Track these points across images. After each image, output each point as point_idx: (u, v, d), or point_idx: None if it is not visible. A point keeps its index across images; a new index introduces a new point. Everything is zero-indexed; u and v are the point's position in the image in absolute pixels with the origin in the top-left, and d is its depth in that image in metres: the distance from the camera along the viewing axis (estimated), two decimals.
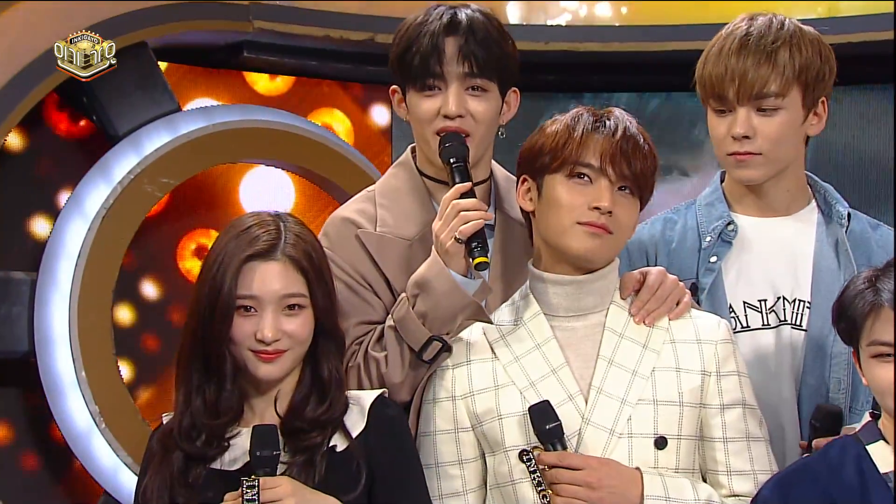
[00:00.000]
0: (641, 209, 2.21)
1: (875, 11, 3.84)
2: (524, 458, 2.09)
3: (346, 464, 2.10)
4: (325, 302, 2.14)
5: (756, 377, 2.24)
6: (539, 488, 2.07)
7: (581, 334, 2.19)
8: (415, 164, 2.52)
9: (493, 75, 2.43)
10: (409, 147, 2.53)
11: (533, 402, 2.12)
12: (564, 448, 2.09)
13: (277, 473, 2.04)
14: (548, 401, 2.11)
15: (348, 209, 2.53)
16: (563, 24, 3.99)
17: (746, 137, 2.37)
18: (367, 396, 2.17)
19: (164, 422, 2.17)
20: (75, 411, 3.43)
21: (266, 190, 3.90)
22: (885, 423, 2.03)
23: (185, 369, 2.14)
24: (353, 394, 2.18)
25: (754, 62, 2.36)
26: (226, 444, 2.14)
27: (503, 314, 2.26)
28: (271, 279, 2.11)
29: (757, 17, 2.42)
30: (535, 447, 2.10)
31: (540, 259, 2.21)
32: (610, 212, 2.12)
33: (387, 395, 2.21)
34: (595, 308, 2.20)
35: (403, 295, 2.32)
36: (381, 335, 2.39)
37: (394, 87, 2.47)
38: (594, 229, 2.13)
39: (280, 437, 2.05)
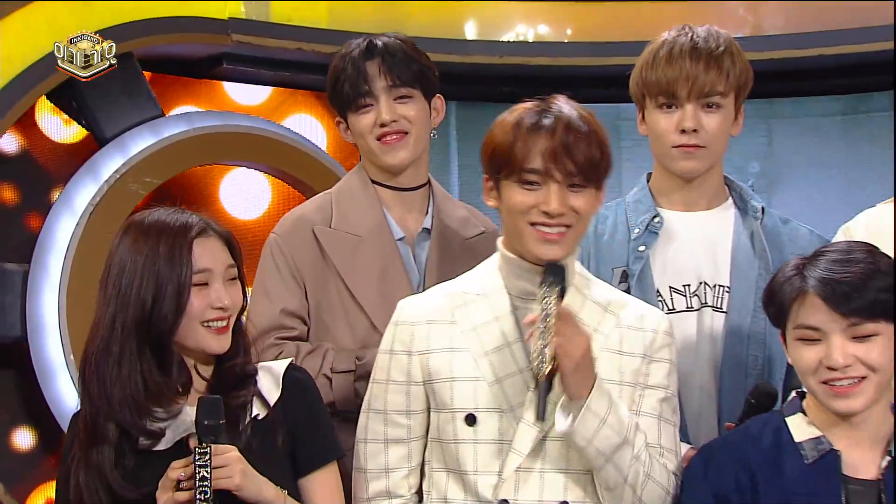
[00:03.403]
0: (601, 188, 2.18)
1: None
2: (545, 291, 2.05)
3: (268, 430, 2.12)
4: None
5: (681, 355, 2.30)
6: (545, 317, 2.04)
7: None
8: (366, 173, 2.66)
9: (416, 84, 2.59)
10: (360, 162, 2.68)
11: (495, 357, 2.13)
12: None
13: (224, 417, 2.03)
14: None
15: (306, 209, 2.67)
16: (516, 39, 4.03)
17: (695, 131, 2.44)
18: (279, 366, 2.19)
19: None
20: (65, 392, 3.45)
21: (244, 190, 3.94)
22: (809, 402, 2.10)
23: (112, 366, 2.08)
24: (264, 364, 2.21)
25: (705, 65, 2.44)
26: (165, 424, 2.10)
27: (470, 281, 2.25)
28: (217, 252, 2.13)
29: (695, 28, 2.50)
30: (558, 297, 2.07)
31: (507, 240, 2.20)
32: (562, 213, 2.11)
33: (296, 362, 2.27)
34: None
35: (351, 373, 2.48)
36: (313, 354, 2.52)
37: (337, 119, 2.65)
38: (548, 235, 2.13)
39: (220, 407, 2.03)
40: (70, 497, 2.08)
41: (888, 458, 2.01)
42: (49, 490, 3.53)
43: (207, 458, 1.96)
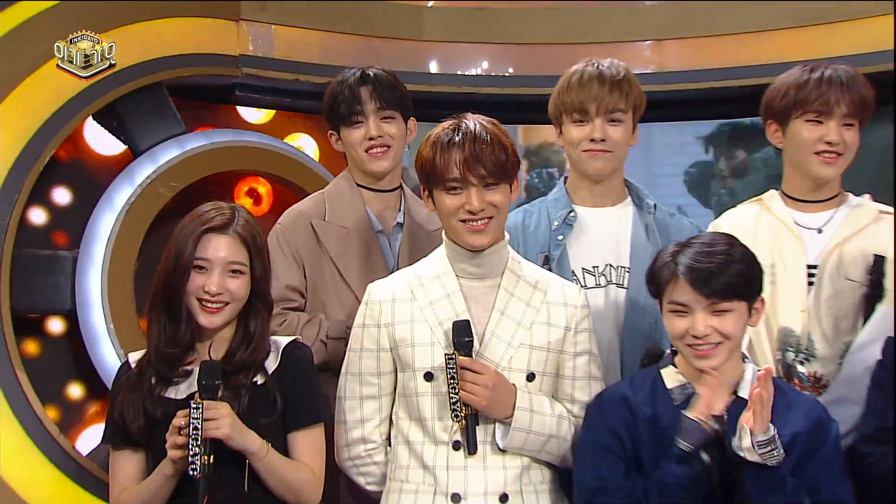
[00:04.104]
0: (514, 181, 2.21)
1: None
2: (447, 359, 2.12)
3: (265, 395, 2.16)
4: (260, 272, 2.19)
5: (592, 322, 2.41)
6: (451, 381, 2.12)
7: (480, 291, 2.25)
8: (352, 177, 2.73)
9: (397, 108, 2.68)
10: (347, 168, 2.77)
11: (450, 325, 2.16)
12: (470, 357, 2.16)
13: (220, 379, 2.10)
14: (468, 320, 2.16)
15: (305, 205, 2.72)
16: (470, 73, 4.02)
17: (602, 140, 2.54)
18: (283, 341, 2.24)
19: (129, 359, 2.23)
20: (106, 354, 3.47)
21: (251, 192, 3.93)
22: (679, 358, 2.23)
23: (154, 312, 2.18)
24: (274, 338, 2.24)
25: (609, 88, 2.54)
26: (183, 371, 2.16)
27: (424, 266, 2.29)
28: (222, 247, 2.16)
29: (599, 60, 2.60)
30: (455, 352, 2.14)
31: (448, 232, 2.27)
32: (483, 209, 2.17)
33: (300, 340, 2.29)
34: (492, 273, 2.25)
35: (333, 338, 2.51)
36: (310, 323, 2.55)
37: (330, 131, 2.74)
38: (475, 227, 2.18)
39: (219, 374, 2.10)
40: (115, 415, 2.19)
41: (732, 397, 2.16)
42: (95, 433, 3.56)
43: (200, 412, 2.02)
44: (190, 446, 2.00)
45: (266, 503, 2.14)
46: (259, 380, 2.17)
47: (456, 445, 2.17)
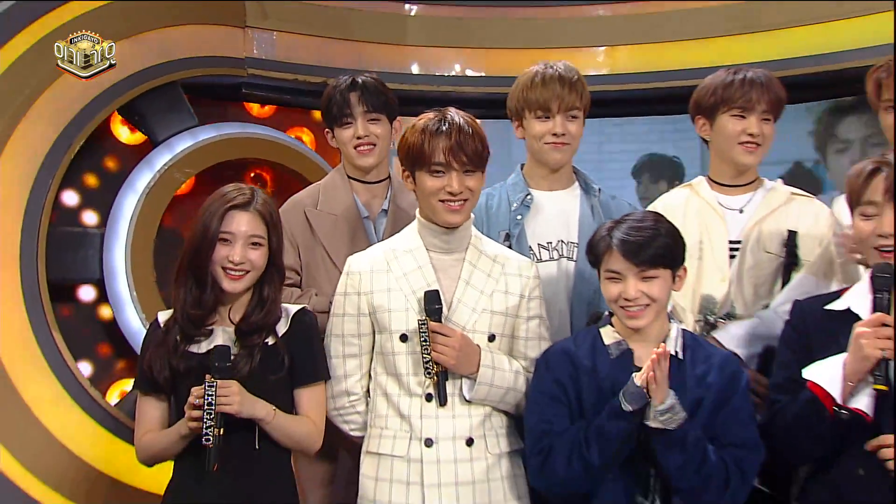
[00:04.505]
0: (485, 170, 2.28)
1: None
2: (420, 324, 2.17)
3: (275, 354, 2.22)
4: (276, 244, 2.27)
5: (546, 290, 2.49)
6: (424, 343, 2.18)
7: (448, 264, 2.31)
8: (345, 170, 2.80)
9: (383, 111, 2.75)
10: (342, 162, 2.82)
11: (422, 294, 2.21)
12: (440, 322, 2.22)
13: (230, 361, 2.16)
14: (437, 290, 2.22)
15: (302, 195, 2.79)
16: (447, 74, 4.12)
17: (563, 134, 2.61)
18: (292, 308, 2.32)
19: (158, 317, 2.28)
20: (130, 317, 3.57)
21: (257, 178, 3.96)
22: (615, 319, 2.31)
23: (181, 279, 2.23)
24: (285, 305, 2.32)
25: (568, 89, 2.61)
26: (206, 330, 2.20)
27: (398, 241, 2.36)
28: (244, 223, 2.21)
29: (556, 62, 2.67)
30: (427, 318, 2.20)
31: (422, 211, 2.33)
32: (461, 192, 2.24)
33: (308, 308, 2.36)
34: (458, 248, 2.32)
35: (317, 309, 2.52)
36: (302, 298, 2.56)
37: (326, 130, 2.81)
38: (453, 207, 2.24)
39: (231, 351, 2.14)
40: (144, 366, 2.26)
41: (657, 350, 2.22)
42: (121, 386, 3.67)
43: (213, 389, 2.08)
44: (204, 419, 2.06)
45: (273, 462, 2.20)
46: (270, 341, 2.22)
47: (428, 397, 2.24)
